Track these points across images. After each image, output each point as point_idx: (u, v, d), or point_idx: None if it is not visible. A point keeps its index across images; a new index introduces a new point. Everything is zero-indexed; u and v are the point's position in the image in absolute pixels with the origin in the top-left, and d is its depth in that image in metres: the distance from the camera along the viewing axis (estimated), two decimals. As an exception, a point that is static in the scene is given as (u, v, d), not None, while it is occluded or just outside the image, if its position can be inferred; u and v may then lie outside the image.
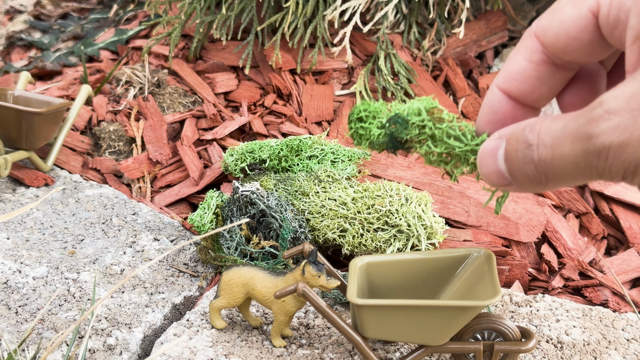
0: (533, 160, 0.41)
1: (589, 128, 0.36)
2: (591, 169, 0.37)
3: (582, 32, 0.41)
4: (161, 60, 1.26)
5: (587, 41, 0.41)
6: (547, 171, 0.41)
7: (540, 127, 0.40)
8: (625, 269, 0.86)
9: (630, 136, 0.35)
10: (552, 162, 0.40)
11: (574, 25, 0.41)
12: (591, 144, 0.36)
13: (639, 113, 0.34)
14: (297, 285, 0.63)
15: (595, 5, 0.40)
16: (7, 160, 0.92)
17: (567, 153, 0.38)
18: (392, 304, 0.59)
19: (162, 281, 0.80)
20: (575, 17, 0.41)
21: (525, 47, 0.44)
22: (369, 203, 0.82)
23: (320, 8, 1.15)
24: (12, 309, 0.73)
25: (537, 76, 0.44)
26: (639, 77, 0.35)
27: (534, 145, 0.41)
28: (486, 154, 0.45)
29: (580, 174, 0.39)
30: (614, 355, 0.71)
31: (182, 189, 0.99)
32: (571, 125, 0.38)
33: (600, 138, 0.36)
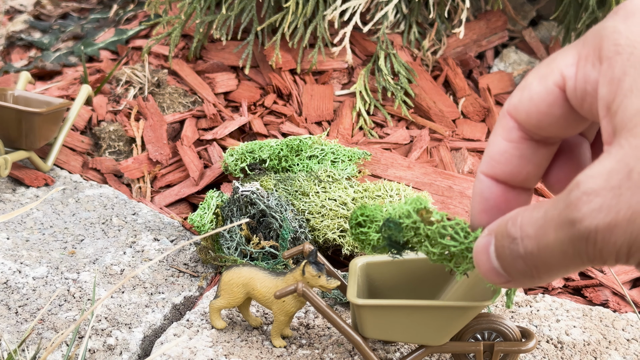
0: (520, 254, 0.39)
1: (570, 213, 0.34)
2: (581, 255, 0.35)
3: (552, 107, 0.39)
4: (161, 60, 1.26)
5: (559, 115, 0.40)
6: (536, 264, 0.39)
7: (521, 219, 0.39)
8: (626, 269, 0.86)
9: (617, 216, 0.32)
10: (539, 254, 0.38)
11: (543, 101, 0.40)
12: (576, 229, 0.34)
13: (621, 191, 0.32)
14: (297, 286, 0.63)
15: (561, 79, 0.39)
16: (7, 160, 0.92)
17: (552, 242, 0.36)
18: (393, 304, 0.59)
19: (162, 281, 0.80)
20: (543, 92, 0.39)
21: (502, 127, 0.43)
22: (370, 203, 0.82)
23: (320, 8, 1.15)
24: (12, 309, 0.73)
25: (519, 155, 0.43)
26: (614, 152, 0.33)
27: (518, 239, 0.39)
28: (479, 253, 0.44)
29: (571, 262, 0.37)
30: (614, 355, 0.71)
31: (182, 189, 0.99)
32: (552, 212, 0.36)
33: (584, 222, 0.34)
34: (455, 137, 1.09)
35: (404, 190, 0.84)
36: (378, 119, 1.12)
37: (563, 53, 0.39)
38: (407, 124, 1.12)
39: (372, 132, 1.08)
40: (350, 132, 1.08)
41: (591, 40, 0.37)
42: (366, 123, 1.10)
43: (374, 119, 1.12)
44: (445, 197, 0.92)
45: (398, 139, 1.07)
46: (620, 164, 0.32)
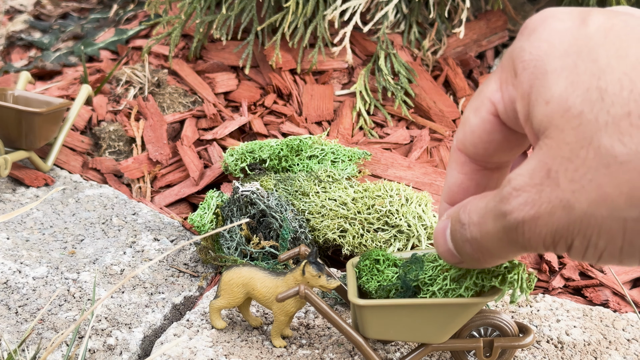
0: (467, 239, 0.43)
1: (503, 206, 0.38)
2: (515, 243, 0.39)
3: (492, 134, 0.43)
4: (161, 60, 1.26)
5: (502, 139, 0.43)
6: (480, 248, 0.43)
7: (470, 206, 0.43)
8: (626, 269, 0.86)
9: (539, 210, 0.36)
10: (481, 239, 0.42)
11: (483, 131, 0.43)
12: (507, 221, 0.38)
13: (542, 187, 0.36)
14: (300, 288, 0.63)
15: (492, 106, 0.42)
16: (7, 160, 0.92)
17: (491, 231, 0.40)
18: (394, 304, 0.59)
19: (162, 281, 0.80)
20: (480, 123, 0.43)
21: (455, 161, 0.47)
22: (369, 203, 0.82)
23: (320, 8, 1.15)
24: (12, 309, 0.73)
25: (475, 184, 0.47)
26: (536, 153, 0.37)
27: (466, 225, 0.43)
28: (437, 234, 0.49)
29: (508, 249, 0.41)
30: (615, 355, 0.71)
31: (182, 189, 0.99)
32: (490, 204, 0.40)
33: (513, 214, 0.37)
34: (456, 137, 1.09)
35: (404, 190, 0.83)
36: (378, 119, 1.12)
37: (487, 82, 0.43)
38: (407, 124, 1.12)
39: (372, 132, 1.08)
40: (350, 132, 1.08)
41: (506, 63, 0.41)
42: (366, 123, 1.10)
43: (374, 119, 1.12)
44: (446, 197, 0.91)
45: (398, 139, 1.07)
46: (541, 164, 0.36)
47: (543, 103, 0.36)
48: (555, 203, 0.35)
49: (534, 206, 0.36)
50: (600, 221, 0.34)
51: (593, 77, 0.34)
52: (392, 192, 0.83)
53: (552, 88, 0.35)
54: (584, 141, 0.34)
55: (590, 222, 0.34)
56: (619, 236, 0.34)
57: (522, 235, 0.38)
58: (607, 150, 0.33)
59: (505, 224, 0.38)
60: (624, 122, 0.33)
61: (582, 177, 0.34)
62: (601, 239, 0.35)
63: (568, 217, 0.35)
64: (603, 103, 0.33)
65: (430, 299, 0.59)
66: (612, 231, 0.34)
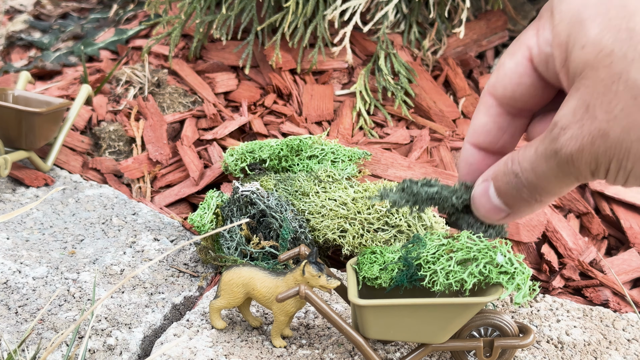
0: (524, 185, 0.48)
1: (554, 145, 0.43)
2: (569, 175, 0.44)
3: (523, 77, 0.47)
4: (161, 60, 1.26)
5: (530, 84, 0.48)
6: (538, 190, 0.47)
7: (518, 157, 0.48)
8: (626, 269, 0.86)
9: (582, 141, 0.41)
10: (538, 181, 0.47)
11: (515, 74, 0.48)
12: (559, 157, 0.43)
13: (582, 122, 0.41)
14: (300, 289, 0.63)
15: (527, 51, 0.46)
16: (7, 160, 0.92)
17: (546, 170, 0.45)
18: (395, 304, 0.59)
19: (162, 281, 0.80)
20: (514, 66, 0.47)
21: (483, 104, 0.52)
22: (369, 203, 0.82)
23: (320, 8, 1.15)
24: (12, 309, 0.73)
25: (497, 127, 0.52)
26: (574, 94, 0.41)
27: (520, 173, 0.48)
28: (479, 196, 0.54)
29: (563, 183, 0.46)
30: (615, 355, 0.71)
31: (182, 189, 0.99)
32: (540, 148, 0.45)
33: (563, 150, 0.42)
34: (456, 137, 1.09)
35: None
36: (378, 119, 1.12)
37: (526, 30, 0.47)
38: (407, 123, 1.12)
39: (372, 132, 1.08)
40: (350, 132, 1.08)
41: (544, 13, 0.45)
42: (366, 123, 1.10)
43: (374, 118, 1.12)
44: (446, 197, 0.92)
45: (398, 139, 1.06)
46: (580, 102, 0.41)
47: (580, 48, 0.40)
48: (595, 133, 0.40)
49: (579, 139, 0.41)
50: (629, 145, 0.39)
51: (623, 19, 0.38)
52: (392, 192, 0.83)
53: (587, 34, 0.40)
54: (615, 76, 0.38)
55: (623, 146, 0.39)
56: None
57: (572, 166, 0.42)
58: (634, 82, 0.37)
59: (558, 160, 0.43)
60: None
61: (615, 108, 0.38)
62: (629, 161, 0.39)
63: (605, 144, 0.40)
64: (631, 41, 0.37)
65: (431, 299, 0.59)
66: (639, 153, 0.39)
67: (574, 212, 0.95)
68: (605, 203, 0.96)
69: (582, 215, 0.95)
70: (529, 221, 0.89)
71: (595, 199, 0.98)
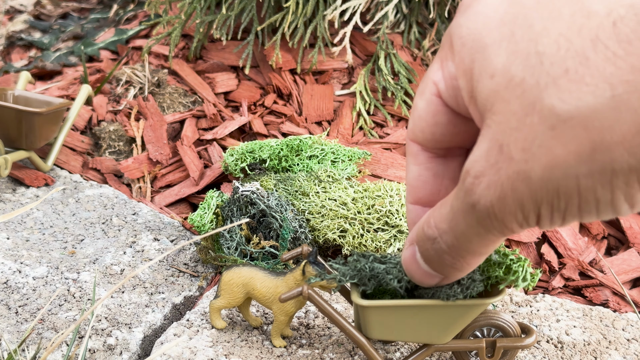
0: (444, 250, 0.42)
1: (469, 199, 0.37)
2: (491, 230, 0.38)
3: (437, 116, 0.42)
4: (161, 60, 1.26)
5: (447, 122, 0.42)
6: (460, 252, 0.42)
7: (433, 219, 0.42)
8: (626, 269, 0.86)
9: (502, 189, 0.35)
10: (459, 243, 0.41)
11: (428, 114, 0.42)
12: (477, 211, 0.37)
13: (498, 166, 0.35)
14: (303, 289, 0.63)
15: (435, 87, 0.41)
16: (7, 160, 0.92)
17: (465, 229, 0.40)
18: (399, 304, 0.59)
19: (162, 281, 0.80)
20: (426, 106, 0.42)
21: (410, 153, 0.46)
22: (369, 203, 0.82)
23: (320, 8, 1.15)
24: (12, 309, 0.73)
25: (432, 174, 0.46)
26: (485, 133, 0.36)
27: (437, 238, 0.42)
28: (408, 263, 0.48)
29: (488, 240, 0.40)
30: (615, 355, 0.71)
31: (182, 189, 0.99)
32: (456, 204, 0.39)
33: (481, 202, 0.37)
34: (456, 137, 1.09)
35: (404, 190, 0.83)
36: (378, 119, 1.12)
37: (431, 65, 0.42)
38: (407, 123, 1.12)
39: (372, 132, 1.08)
40: (350, 132, 1.08)
41: (445, 42, 0.40)
42: (366, 123, 1.10)
43: (374, 118, 1.12)
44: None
45: (398, 139, 1.07)
46: (492, 142, 0.35)
47: (488, 77, 0.35)
48: (514, 177, 0.35)
49: (497, 187, 0.36)
50: (556, 184, 0.34)
51: (531, 42, 0.33)
52: (392, 192, 0.83)
53: (494, 60, 0.35)
54: (529, 107, 0.33)
55: (549, 187, 0.34)
56: (575, 194, 0.34)
57: (495, 220, 0.37)
58: (549, 111, 0.33)
59: (477, 215, 0.38)
60: (562, 79, 0.32)
61: (532, 144, 0.33)
62: (561, 200, 0.34)
63: (529, 187, 0.34)
64: (542, 66, 0.33)
65: (434, 300, 0.59)
66: (569, 191, 0.34)
67: (574, 212, 0.95)
68: (605, 203, 0.96)
69: (582, 215, 0.95)
70: (528, 221, 0.89)
71: (595, 199, 0.98)
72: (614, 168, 0.32)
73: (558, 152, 0.33)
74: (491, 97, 0.35)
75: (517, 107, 0.34)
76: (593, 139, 0.32)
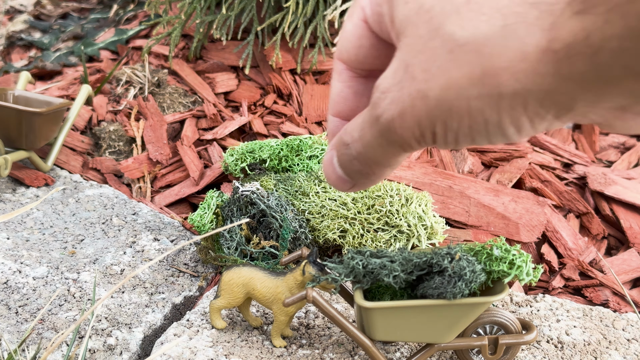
0: (354, 156, 0.46)
1: (375, 111, 0.41)
2: (393, 143, 0.41)
3: (362, 39, 0.45)
4: (161, 60, 1.26)
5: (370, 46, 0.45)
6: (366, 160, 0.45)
7: (349, 126, 0.45)
8: (626, 269, 0.86)
9: (403, 105, 0.38)
10: (365, 152, 0.44)
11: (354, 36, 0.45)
12: (380, 124, 0.40)
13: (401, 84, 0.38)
14: (307, 292, 0.63)
15: (362, 12, 0.44)
16: (7, 160, 0.92)
17: (370, 139, 0.43)
18: (402, 305, 0.59)
19: (162, 281, 0.80)
20: (352, 28, 0.45)
21: (335, 70, 0.49)
22: (369, 203, 0.82)
23: (320, 8, 1.15)
24: (12, 309, 0.73)
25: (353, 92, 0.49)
26: (397, 54, 0.39)
27: (350, 144, 0.45)
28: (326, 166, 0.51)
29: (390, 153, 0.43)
30: (615, 355, 0.71)
31: (182, 189, 0.99)
32: (365, 114, 0.42)
33: (384, 116, 0.40)
34: (456, 137, 1.09)
35: (404, 190, 0.83)
36: (378, 119, 1.12)
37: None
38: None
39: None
40: (350, 132, 1.08)
41: None
42: (366, 123, 1.10)
43: (374, 119, 1.12)
44: (445, 197, 0.92)
45: (398, 139, 1.06)
46: (400, 62, 0.38)
47: (403, 3, 0.38)
48: (414, 95, 0.37)
49: (399, 103, 0.38)
50: (450, 104, 0.36)
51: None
52: (392, 192, 0.83)
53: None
54: (433, 32, 0.36)
55: (444, 106, 0.37)
56: (466, 115, 0.36)
57: (395, 134, 0.40)
58: (450, 36, 0.35)
59: (380, 127, 0.41)
60: (463, 8, 0.35)
61: (432, 66, 0.36)
62: (454, 120, 0.37)
63: (426, 106, 0.37)
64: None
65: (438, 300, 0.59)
66: (461, 111, 0.36)
67: (574, 212, 0.95)
68: (605, 203, 0.96)
69: (582, 215, 0.95)
70: (528, 221, 0.89)
71: (595, 199, 0.98)
72: (500, 92, 0.35)
73: (453, 74, 0.36)
74: (404, 22, 0.38)
75: (424, 32, 0.37)
76: (484, 64, 0.35)
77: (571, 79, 0.33)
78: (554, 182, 0.99)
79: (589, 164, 1.08)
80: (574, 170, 1.05)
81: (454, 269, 0.58)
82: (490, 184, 0.95)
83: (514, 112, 0.36)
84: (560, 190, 0.98)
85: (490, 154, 1.05)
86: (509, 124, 0.37)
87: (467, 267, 0.58)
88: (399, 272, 0.59)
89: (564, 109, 0.35)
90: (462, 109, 0.36)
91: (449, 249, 0.60)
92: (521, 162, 1.02)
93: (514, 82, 0.35)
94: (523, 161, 1.02)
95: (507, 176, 0.99)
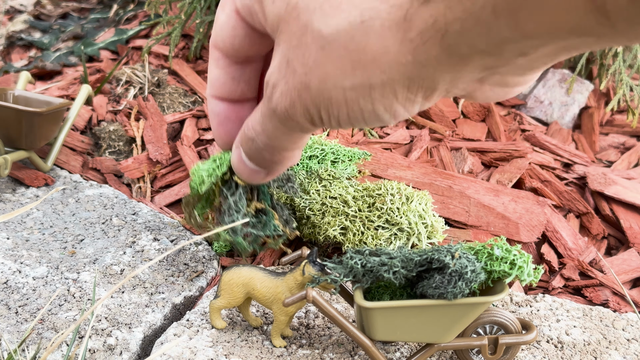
0: (262, 148, 0.49)
1: (270, 105, 0.44)
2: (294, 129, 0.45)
3: (236, 29, 0.47)
4: (161, 60, 1.26)
5: (244, 35, 0.48)
6: (275, 149, 0.49)
7: (250, 122, 0.49)
8: (626, 268, 0.86)
9: (292, 96, 0.41)
10: (271, 142, 0.48)
11: (228, 26, 0.47)
12: (277, 115, 0.44)
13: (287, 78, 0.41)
14: (307, 293, 0.63)
15: (233, 4, 0.46)
16: (7, 160, 0.92)
17: (273, 130, 0.46)
18: (402, 305, 0.59)
19: (162, 281, 0.80)
20: (226, 19, 0.47)
21: (212, 57, 0.51)
22: (370, 201, 0.82)
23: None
24: (12, 309, 0.73)
25: (230, 78, 0.52)
26: (278, 49, 0.42)
27: (255, 138, 0.49)
28: (236, 163, 0.54)
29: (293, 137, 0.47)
30: (615, 355, 0.71)
31: (182, 189, 0.99)
32: (263, 109, 0.46)
33: (279, 108, 0.43)
34: (455, 137, 1.09)
35: (405, 189, 0.84)
36: (378, 119, 1.12)
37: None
38: (407, 123, 1.12)
39: (372, 132, 1.08)
40: (350, 132, 1.08)
41: None
42: (366, 123, 1.10)
43: (374, 118, 1.12)
44: (445, 197, 0.92)
45: (398, 139, 1.07)
46: (282, 57, 0.41)
47: (271, 2, 0.40)
48: (299, 87, 0.40)
49: (287, 95, 0.41)
50: (329, 94, 0.39)
51: None
52: (393, 190, 0.83)
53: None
54: (304, 28, 0.38)
55: (324, 95, 0.39)
56: (343, 104, 0.39)
57: (292, 121, 0.43)
58: (318, 32, 0.37)
59: (278, 118, 0.44)
60: (325, 5, 0.37)
61: (308, 60, 0.39)
62: (334, 108, 0.40)
63: (310, 95, 0.40)
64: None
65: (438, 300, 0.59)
66: (339, 100, 0.39)
67: (574, 212, 0.95)
68: (605, 203, 0.96)
69: (581, 215, 0.95)
70: (528, 221, 0.89)
71: (595, 199, 0.98)
72: (371, 83, 0.37)
73: (328, 68, 0.38)
74: (276, 19, 0.40)
75: (295, 28, 0.39)
76: (352, 58, 0.37)
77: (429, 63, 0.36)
78: (554, 182, 0.99)
79: (589, 164, 1.08)
80: (574, 170, 1.05)
81: (456, 266, 0.58)
82: (490, 184, 0.95)
83: (386, 101, 0.38)
84: (560, 190, 0.98)
85: (490, 154, 1.05)
86: (384, 111, 0.39)
87: (468, 266, 0.58)
88: (399, 268, 0.59)
89: (429, 90, 0.38)
90: (339, 99, 0.39)
91: (449, 247, 0.60)
92: (521, 162, 1.02)
93: (381, 74, 0.37)
94: (523, 161, 1.02)
95: (507, 176, 0.99)
